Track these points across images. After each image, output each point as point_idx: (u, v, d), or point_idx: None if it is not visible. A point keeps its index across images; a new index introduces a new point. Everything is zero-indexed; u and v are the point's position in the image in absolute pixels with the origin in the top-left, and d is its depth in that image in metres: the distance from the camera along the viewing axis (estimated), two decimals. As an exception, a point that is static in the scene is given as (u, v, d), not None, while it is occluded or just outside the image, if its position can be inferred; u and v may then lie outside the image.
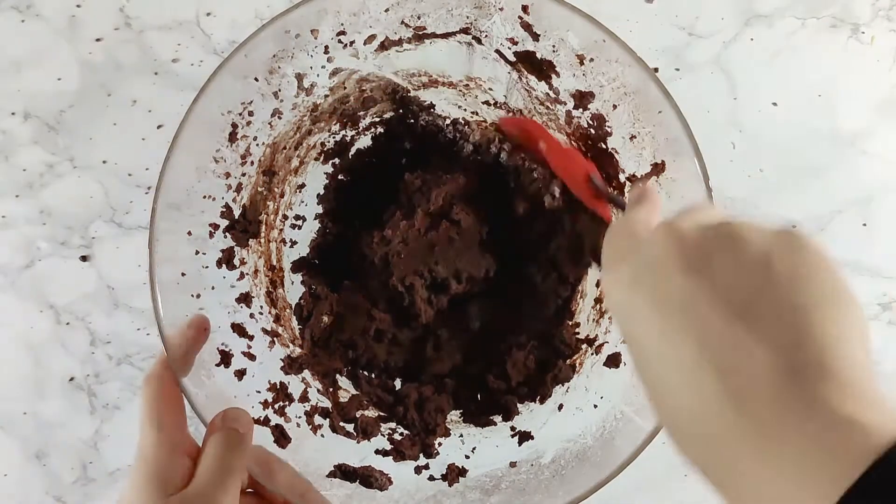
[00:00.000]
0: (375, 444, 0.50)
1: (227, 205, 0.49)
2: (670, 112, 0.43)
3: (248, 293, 0.50)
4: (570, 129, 0.52)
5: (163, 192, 0.42)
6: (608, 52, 0.44)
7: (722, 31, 0.62)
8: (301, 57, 0.48)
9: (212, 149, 0.47)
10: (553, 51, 0.47)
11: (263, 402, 0.47)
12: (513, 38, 0.48)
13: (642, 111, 0.46)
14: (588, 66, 0.47)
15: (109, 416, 0.60)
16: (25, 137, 0.60)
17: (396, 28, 0.49)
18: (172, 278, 0.44)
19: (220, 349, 0.46)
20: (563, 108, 0.51)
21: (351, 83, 0.52)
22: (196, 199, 0.47)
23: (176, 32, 0.61)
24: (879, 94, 0.63)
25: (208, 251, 0.48)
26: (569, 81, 0.48)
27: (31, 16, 0.61)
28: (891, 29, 0.63)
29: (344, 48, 0.49)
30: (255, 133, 0.49)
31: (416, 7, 0.47)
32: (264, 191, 0.52)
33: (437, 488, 0.48)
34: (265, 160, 0.51)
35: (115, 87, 0.61)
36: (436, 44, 0.50)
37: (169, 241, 0.43)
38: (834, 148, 0.63)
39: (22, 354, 0.60)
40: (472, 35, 0.49)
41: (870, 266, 0.63)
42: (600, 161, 0.50)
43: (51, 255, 0.60)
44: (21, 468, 0.59)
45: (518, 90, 0.53)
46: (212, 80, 0.44)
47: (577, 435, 0.47)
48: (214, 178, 0.48)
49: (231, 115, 0.47)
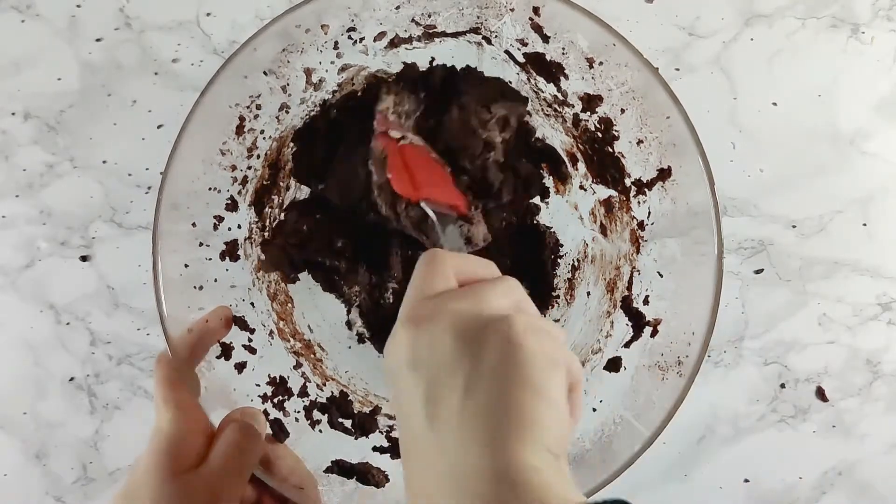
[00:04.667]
0: (373, 441, 0.50)
1: (231, 197, 0.49)
2: (678, 118, 0.43)
3: (249, 286, 0.50)
4: (578, 132, 0.52)
5: (169, 183, 0.42)
6: (618, 56, 0.44)
7: (722, 31, 0.62)
8: (310, 52, 0.47)
9: (218, 141, 0.47)
10: (563, 53, 0.47)
11: (263, 396, 0.47)
12: (523, 39, 0.48)
13: (650, 116, 0.46)
14: (597, 70, 0.47)
15: (109, 416, 0.60)
16: (25, 137, 0.60)
17: (406, 26, 0.48)
18: (176, 269, 0.44)
19: (220, 341, 0.46)
20: (570, 110, 0.51)
21: (359, 79, 0.52)
22: (202, 191, 0.47)
23: (176, 32, 0.61)
24: (879, 94, 0.63)
25: (212, 243, 0.48)
26: (577, 84, 0.48)
27: (31, 16, 0.61)
28: (891, 29, 0.63)
29: (353, 44, 0.49)
30: (263, 126, 0.49)
31: (427, 5, 0.47)
32: (269, 184, 0.52)
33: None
34: (271, 154, 0.51)
35: (115, 87, 0.61)
36: (445, 42, 0.50)
37: (173, 232, 0.44)
38: (834, 148, 0.63)
39: (22, 354, 0.60)
40: (481, 35, 0.49)
41: (870, 266, 0.63)
42: (606, 164, 0.50)
43: (51, 255, 0.60)
44: (21, 468, 0.59)
45: (526, 91, 0.53)
46: (221, 73, 0.44)
47: (575, 438, 0.47)
48: (220, 170, 0.48)
49: (239, 108, 0.47)
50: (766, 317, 0.62)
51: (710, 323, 0.43)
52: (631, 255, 0.51)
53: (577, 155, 0.54)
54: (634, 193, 0.50)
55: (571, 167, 0.55)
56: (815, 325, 0.63)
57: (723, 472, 0.62)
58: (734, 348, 0.62)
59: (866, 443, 0.62)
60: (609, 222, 0.54)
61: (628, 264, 0.51)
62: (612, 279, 0.53)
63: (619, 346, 0.50)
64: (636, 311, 0.50)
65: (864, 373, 0.63)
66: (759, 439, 0.62)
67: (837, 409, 0.62)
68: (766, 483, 0.62)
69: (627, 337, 0.49)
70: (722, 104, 0.62)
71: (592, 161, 0.52)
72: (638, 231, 0.50)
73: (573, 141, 0.53)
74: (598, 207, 0.54)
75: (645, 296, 0.49)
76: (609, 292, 0.53)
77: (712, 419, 0.62)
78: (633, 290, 0.50)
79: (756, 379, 0.62)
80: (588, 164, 0.53)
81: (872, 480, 0.62)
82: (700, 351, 0.43)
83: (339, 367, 0.55)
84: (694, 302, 0.44)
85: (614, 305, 0.52)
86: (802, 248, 0.63)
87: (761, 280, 0.62)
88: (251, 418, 0.41)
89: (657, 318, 0.48)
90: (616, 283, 0.52)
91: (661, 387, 0.45)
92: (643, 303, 0.49)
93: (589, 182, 0.54)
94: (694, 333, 0.43)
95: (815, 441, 0.62)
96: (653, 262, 0.49)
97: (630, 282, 0.51)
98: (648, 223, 0.49)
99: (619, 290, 0.52)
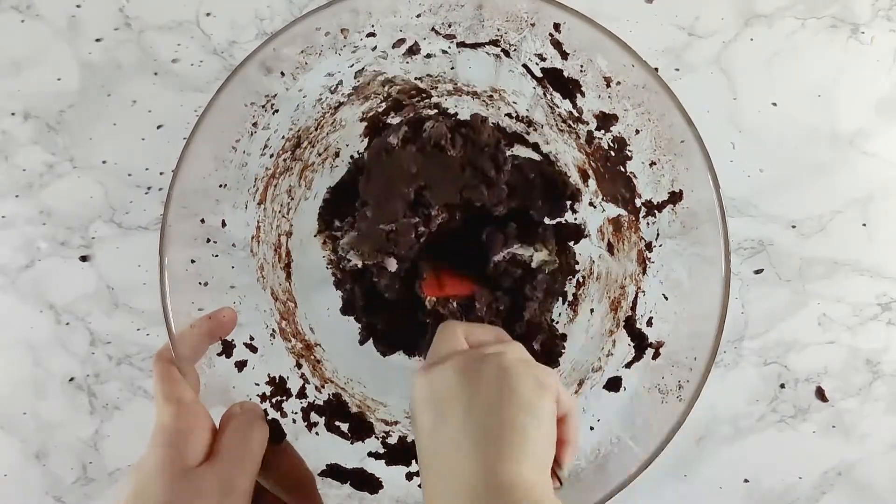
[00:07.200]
0: (369, 447, 0.50)
1: (241, 195, 0.49)
2: (693, 142, 0.43)
3: (253, 284, 0.50)
4: (591, 150, 0.51)
5: (180, 178, 0.42)
6: (636, 77, 0.44)
7: (722, 31, 0.62)
8: (328, 54, 0.47)
9: (231, 139, 0.47)
10: (581, 71, 0.47)
11: (261, 396, 0.47)
12: (541, 54, 0.48)
13: (664, 139, 0.45)
14: (614, 89, 0.46)
15: (109, 416, 0.60)
16: (25, 137, 0.60)
17: (426, 34, 0.48)
18: (181, 264, 0.44)
19: (222, 339, 0.46)
20: (584, 127, 0.50)
21: (376, 84, 0.52)
22: (212, 188, 0.47)
23: (176, 32, 0.61)
24: (879, 94, 0.63)
25: (219, 240, 0.48)
26: (593, 102, 0.48)
27: (31, 16, 0.61)
28: (891, 29, 0.63)
29: (373, 49, 0.49)
30: (276, 126, 0.49)
31: (448, 16, 0.47)
32: (279, 183, 0.52)
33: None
34: (284, 153, 0.52)
35: (115, 87, 0.61)
36: (463, 53, 0.50)
37: (181, 228, 0.43)
38: (834, 148, 0.63)
39: (22, 354, 0.60)
40: (500, 47, 0.49)
41: (870, 266, 0.63)
42: (618, 184, 0.51)
43: (51, 255, 0.60)
44: (21, 468, 0.59)
45: (542, 106, 0.52)
46: (238, 71, 0.43)
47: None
48: (231, 167, 0.48)
49: (254, 106, 0.47)
50: (766, 317, 0.62)
51: (713, 350, 0.43)
52: (637, 276, 0.51)
53: (589, 172, 0.54)
54: (644, 214, 0.49)
55: (582, 184, 0.55)
56: (815, 325, 0.63)
57: (723, 472, 0.62)
58: (734, 348, 0.62)
59: (866, 443, 0.62)
60: (617, 241, 0.53)
61: (634, 284, 0.51)
62: (617, 298, 0.53)
63: (620, 366, 0.49)
64: (639, 332, 0.49)
65: (863, 373, 0.63)
66: (759, 439, 0.62)
67: (837, 409, 0.62)
68: (766, 483, 0.62)
69: (629, 357, 0.49)
70: (722, 104, 0.62)
71: (604, 179, 0.52)
72: (645, 252, 0.50)
73: (586, 158, 0.53)
74: (606, 225, 0.54)
75: (649, 317, 0.49)
76: (613, 311, 0.53)
77: (712, 419, 0.62)
78: (636, 311, 0.50)
79: (756, 379, 0.62)
80: (599, 182, 0.53)
81: (872, 480, 0.62)
82: (701, 377, 0.43)
83: (338, 369, 0.55)
84: (698, 329, 0.44)
85: (617, 325, 0.52)
86: (802, 248, 0.62)
87: (761, 280, 0.62)
88: (251, 412, 0.40)
89: (659, 341, 0.48)
90: (620, 302, 0.52)
91: (660, 410, 0.45)
92: (646, 324, 0.49)
93: (599, 200, 0.54)
94: (696, 359, 0.43)
95: (814, 441, 0.62)
96: (658, 284, 0.49)
97: (634, 302, 0.50)
98: (656, 244, 0.49)
99: (622, 309, 0.52)
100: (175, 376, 0.39)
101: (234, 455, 0.37)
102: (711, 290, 0.44)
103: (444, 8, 0.46)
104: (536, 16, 0.45)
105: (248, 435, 0.38)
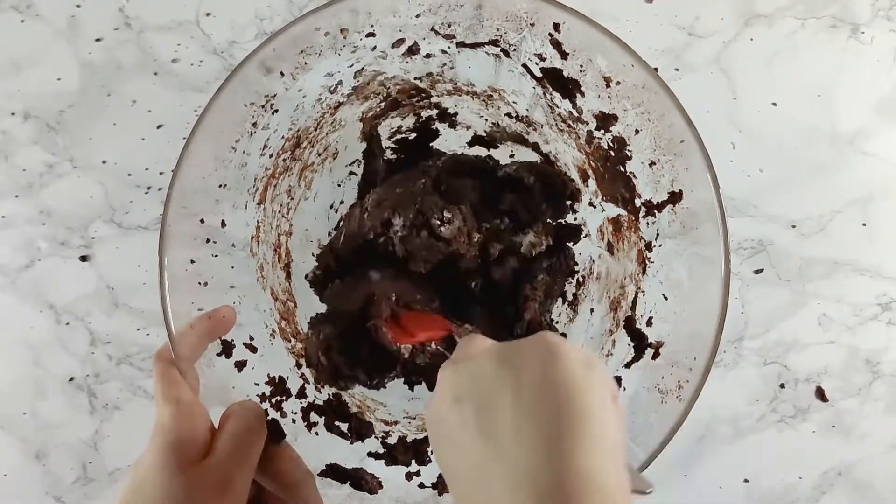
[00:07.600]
0: (369, 447, 0.50)
1: (241, 195, 0.49)
2: (693, 142, 0.43)
3: (253, 284, 0.50)
4: (591, 149, 0.51)
5: (180, 178, 0.42)
6: (635, 77, 0.44)
7: (722, 31, 0.62)
8: (328, 54, 0.47)
9: (231, 139, 0.47)
10: (580, 70, 0.47)
11: (261, 396, 0.47)
12: (541, 54, 0.48)
13: (664, 139, 0.45)
14: (614, 89, 0.46)
15: (109, 416, 0.60)
16: (25, 137, 0.60)
17: (426, 34, 0.48)
18: (181, 264, 0.44)
19: (222, 338, 0.46)
20: (584, 127, 0.50)
21: (375, 84, 0.52)
22: (211, 188, 0.47)
23: (176, 32, 0.61)
24: (879, 94, 0.63)
25: (219, 240, 0.48)
26: (593, 102, 0.48)
27: (31, 16, 0.61)
28: (891, 29, 0.63)
29: (372, 49, 0.49)
30: (276, 126, 0.49)
31: (447, 16, 0.47)
32: (279, 183, 0.53)
33: (427, 497, 0.48)
34: (283, 153, 0.52)
35: (115, 87, 0.61)
36: (463, 52, 0.50)
37: (181, 228, 0.43)
38: (834, 148, 0.63)
39: (22, 354, 0.60)
40: (500, 47, 0.49)
41: (870, 266, 0.63)
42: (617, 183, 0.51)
43: (51, 255, 0.60)
44: (21, 468, 0.59)
45: (541, 106, 0.52)
46: (238, 71, 0.43)
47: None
48: (231, 167, 0.48)
49: (253, 106, 0.47)
50: (766, 317, 0.62)
51: (713, 350, 0.43)
52: (637, 276, 0.51)
53: (589, 172, 0.53)
54: (644, 214, 0.49)
55: (582, 184, 0.55)
56: (815, 325, 0.63)
57: (723, 471, 0.62)
58: (734, 348, 0.62)
59: (866, 443, 0.62)
60: (616, 241, 0.53)
61: (633, 284, 0.51)
62: (617, 298, 0.53)
63: (620, 366, 0.49)
64: (639, 333, 0.49)
65: (863, 373, 0.63)
66: (759, 439, 0.62)
67: (837, 409, 0.62)
68: (766, 483, 0.62)
69: (628, 357, 0.49)
70: (722, 104, 0.62)
71: (604, 179, 0.52)
72: (645, 252, 0.50)
73: (585, 157, 0.53)
74: (606, 225, 0.54)
75: (648, 317, 0.49)
76: (612, 311, 0.53)
77: (712, 419, 0.62)
78: (636, 311, 0.50)
79: (756, 379, 0.62)
80: (599, 182, 0.53)
81: (872, 480, 0.62)
82: (701, 377, 0.43)
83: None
84: (698, 329, 0.44)
85: (617, 325, 0.52)
86: (802, 248, 0.62)
87: (761, 280, 0.62)
88: (250, 411, 0.40)
89: (659, 341, 0.47)
90: (620, 302, 0.52)
91: (660, 410, 0.45)
92: (646, 324, 0.49)
93: (598, 199, 0.54)
94: (696, 359, 0.43)
95: (814, 441, 0.62)
96: (658, 284, 0.49)
97: (634, 302, 0.50)
98: (656, 244, 0.49)
99: (622, 309, 0.52)
100: (174, 376, 0.39)
101: (231, 453, 0.37)
102: (711, 290, 0.44)
103: (444, 8, 0.46)
104: (536, 16, 0.45)
105: (247, 434, 0.39)
